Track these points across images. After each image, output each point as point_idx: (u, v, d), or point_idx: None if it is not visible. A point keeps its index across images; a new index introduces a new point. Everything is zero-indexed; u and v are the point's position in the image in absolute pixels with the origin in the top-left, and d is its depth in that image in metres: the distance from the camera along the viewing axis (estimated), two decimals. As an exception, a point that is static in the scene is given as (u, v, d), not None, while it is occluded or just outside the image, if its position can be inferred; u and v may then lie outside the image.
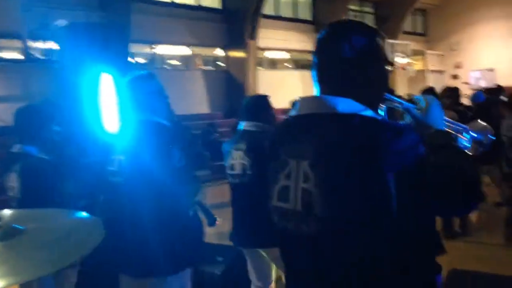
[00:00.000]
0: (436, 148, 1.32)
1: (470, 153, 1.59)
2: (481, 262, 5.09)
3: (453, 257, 5.11)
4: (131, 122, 2.49)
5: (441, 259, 1.53)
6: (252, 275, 3.21)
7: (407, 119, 1.53)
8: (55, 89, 4.74)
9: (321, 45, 1.43)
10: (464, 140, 1.63)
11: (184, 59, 15.23)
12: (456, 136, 1.62)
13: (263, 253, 3.07)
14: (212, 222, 3.04)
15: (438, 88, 6.64)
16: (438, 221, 5.99)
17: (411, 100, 1.53)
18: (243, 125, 3.09)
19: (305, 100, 1.43)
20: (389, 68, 1.43)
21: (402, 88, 18.71)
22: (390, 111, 1.59)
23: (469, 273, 3.38)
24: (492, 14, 18.96)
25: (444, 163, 1.27)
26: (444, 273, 3.42)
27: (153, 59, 13.97)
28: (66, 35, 4.28)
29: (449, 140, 1.42)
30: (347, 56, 1.37)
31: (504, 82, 9.84)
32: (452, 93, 6.13)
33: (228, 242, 3.37)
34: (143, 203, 2.33)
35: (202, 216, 3.02)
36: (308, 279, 1.40)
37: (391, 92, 2.39)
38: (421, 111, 1.48)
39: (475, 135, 1.65)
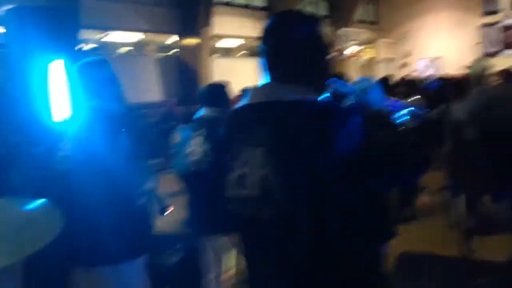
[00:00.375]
0: (378, 126, 1.41)
1: (411, 126, 1.80)
2: (429, 244, 5.31)
3: (404, 240, 5.31)
4: (81, 109, 2.42)
5: (392, 243, 1.60)
6: (209, 263, 3.21)
7: (350, 101, 1.62)
8: (1, 76, 4.55)
9: (268, 34, 1.48)
10: (404, 115, 1.81)
11: (136, 45, 14.91)
12: (396, 112, 1.79)
13: (221, 240, 3.08)
14: (162, 210, 3.02)
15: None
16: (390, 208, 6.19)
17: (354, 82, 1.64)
18: (202, 111, 3.11)
19: (256, 89, 1.47)
20: (332, 54, 1.52)
21: (354, 75, 19.04)
22: (334, 94, 1.71)
23: (418, 255, 3.51)
24: (441, 4, 19.55)
25: (387, 139, 1.36)
26: (395, 255, 3.55)
27: (105, 45, 13.61)
28: (11, 19, 4.09)
29: (390, 118, 1.54)
30: (294, 44, 1.43)
31: (450, 70, 10.19)
32: (408, 82, 6.38)
33: (183, 231, 3.35)
34: (91, 190, 2.29)
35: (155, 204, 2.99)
36: (268, 263, 1.44)
37: (340, 76, 2.50)
38: (362, 93, 1.58)
39: (411, 109, 1.90)
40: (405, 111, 1.84)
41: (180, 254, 3.76)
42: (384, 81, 6.18)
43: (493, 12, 18.95)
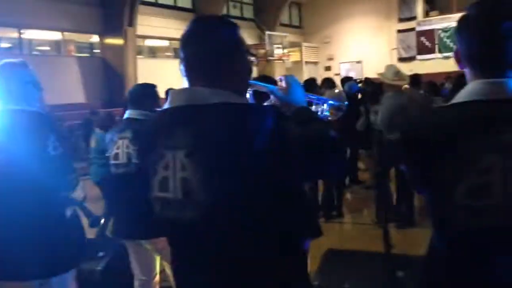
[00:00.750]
0: (301, 122, 1.45)
1: (332, 119, 1.94)
2: (355, 241, 5.50)
3: (330, 238, 5.47)
4: (3, 113, 2.30)
5: (318, 240, 1.66)
6: (136, 269, 3.13)
7: (272, 100, 1.69)
8: None
9: (188, 39, 1.49)
10: (325, 109, 1.92)
11: (55, 44, 14.30)
12: (317, 108, 1.91)
13: (147, 245, 3.02)
14: (95, 222, 2.91)
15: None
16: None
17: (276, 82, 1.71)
18: (128, 113, 3.06)
19: (177, 93, 1.49)
20: (251, 58, 1.56)
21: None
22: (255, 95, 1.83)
23: (343, 252, 3.63)
24: (360, 10, 20.37)
25: (310, 134, 1.40)
26: (321, 253, 3.65)
27: (21, 44, 12.93)
28: None
29: (311, 114, 1.61)
30: (214, 49, 1.45)
31: (370, 74, 10.63)
32: (329, 82, 6.63)
33: (107, 237, 3.25)
34: (14, 199, 2.17)
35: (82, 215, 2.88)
36: (194, 265, 1.45)
37: (267, 79, 2.57)
38: (283, 91, 1.64)
39: (332, 102, 1.97)
40: (325, 106, 1.93)
41: (106, 261, 3.65)
42: (312, 81, 6.41)
43: (409, 19, 20.02)
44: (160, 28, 15.48)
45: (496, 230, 1.27)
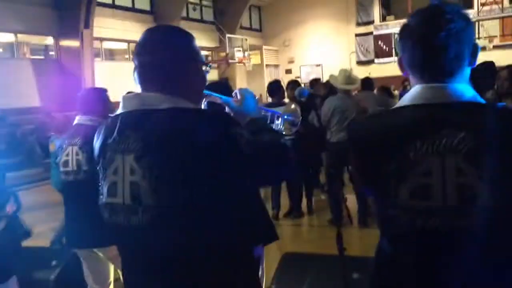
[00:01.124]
0: (253, 133, 1.47)
1: (286, 133, 1.97)
2: (311, 244, 5.55)
3: (286, 241, 5.49)
4: None
5: (275, 244, 1.67)
6: (89, 278, 3.05)
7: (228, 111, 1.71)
8: None
9: (143, 48, 1.50)
10: (279, 123, 1.97)
11: (8, 47, 13.86)
12: (272, 120, 1.96)
13: (99, 253, 2.94)
14: (26, 235, 2.81)
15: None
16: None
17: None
18: (77, 119, 2.97)
19: (128, 98, 1.48)
20: (205, 68, 1.58)
21: (241, 81, 19.41)
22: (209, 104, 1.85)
23: (300, 255, 3.64)
24: (320, 14, 20.63)
25: (260, 140, 1.45)
26: (278, 256, 3.66)
27: (-29, 46, 12.48)
28: None
29: (264, 125, 1.64)
30: (168, 59, 1.47)
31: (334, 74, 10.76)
32: (294, 85, 6.73)
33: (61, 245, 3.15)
34: None
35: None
36: (143, 270, 1.45)
37: (226, 83, 2.60)
38: (237, 103, 1.68)
39: (286, 117, 2.01)
40: (280, 120, 1.97)
41: (59, 270, 3.55)
42: (277, 83, 6.50)
43: (367, 23, 20.41)
44: (118, 31, 15.24)
45: (438, 231, 1.31)
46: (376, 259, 1.49)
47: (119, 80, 13.13)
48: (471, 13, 16.04)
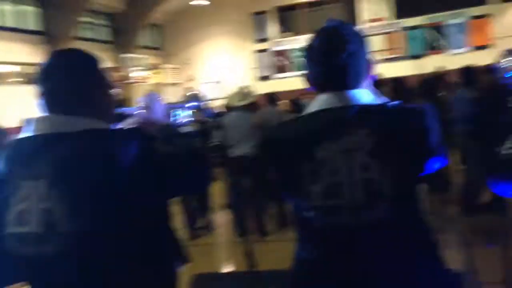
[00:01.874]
0: (166, 138, 1.54)
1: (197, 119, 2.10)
2: (222, 262, 5.53)
3: (197, 261, 5.42)
4: None
5: (188, 266, 1.67)
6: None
7: (134, 122, 1.76)
8: None
9: (47, 74, 1.49)
10: (186, 115, 2.01)
11: None
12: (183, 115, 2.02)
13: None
14: None
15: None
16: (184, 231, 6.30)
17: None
18: None
19: (38, 120, 1.45)
20: (113, 90, 1.60)
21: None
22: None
23: (211, 275, 3.60)
24: (219, 32, 20.90)
25: (177, 151, 1.47)
26: (187, 279, 3.58)
27: None
28: None
29: (174, 130, 1.70)
30: (76, 82, 1.47)
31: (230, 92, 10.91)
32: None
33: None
34: None
35: None
36: None
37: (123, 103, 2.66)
38: (146, 112, 1.75)
39: (192, 104, 2.10)
40: (188, 112, 2.02)
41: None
42: (196, 95, 6.74)
43: (265, 40, 21.01)
44: (5, 52, 14.28)
45: (349, 227, 1.40)
46: (294, 266, 1.55)
47: (9, 105, 12.30)
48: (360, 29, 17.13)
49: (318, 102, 1.50)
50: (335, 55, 1.48)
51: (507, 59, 2.31)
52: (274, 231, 6.24)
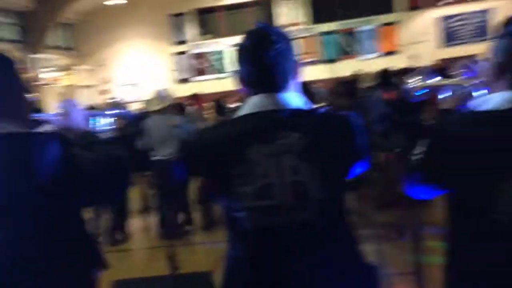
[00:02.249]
0: (85, 146, 1.50)
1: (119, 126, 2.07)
2: (142, 267, 5.40)
3: (117, 267, 5.26)
4: None
5: (106, 273, 1.62)
6: None
7: (52, 127, 1.72)
8: None
9: None
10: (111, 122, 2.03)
11: None
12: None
13: None
14: None
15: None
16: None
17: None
18: None
19: None
20: (28, 94, 1.59)
21: (52, 102, 18.13)
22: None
23: (132, 281, 3.52)
24: (136, 33, 20.41)
25: (94, 156, 1.47)
26: (107, 285, 3.46)
27: None
28: None
29: (94, 137, 1.68)
30: None
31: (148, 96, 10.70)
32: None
33: None
34: None
35: None
36: None
37: (37, 111, 2.61)
38: (63, 117, 1.70)
39: (114, 112, 2.10)
40: (109, 119, 2.05)
41: None
42: (117, 103, 6.60)
43: (183, 42, 20.82)
44: None
45: (280, 228, 1.43)
46: (225, 266, 1.55)
47: None
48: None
49: (250, 105, 1.53)
50: (264, 53, 1.52)
51: (414, 79, 2.44)
52: (199, 233, 6.21)
